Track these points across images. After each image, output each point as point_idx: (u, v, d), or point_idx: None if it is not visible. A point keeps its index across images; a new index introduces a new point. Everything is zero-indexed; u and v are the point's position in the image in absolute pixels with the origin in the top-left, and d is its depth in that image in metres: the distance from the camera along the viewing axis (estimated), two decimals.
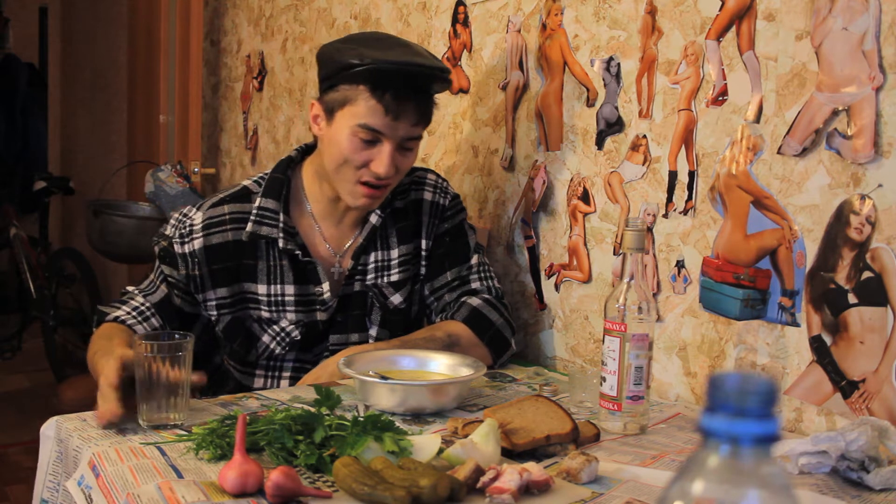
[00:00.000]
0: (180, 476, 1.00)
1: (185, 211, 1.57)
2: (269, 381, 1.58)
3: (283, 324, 1.55)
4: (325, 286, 1.55)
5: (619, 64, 1.58)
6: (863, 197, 1.20)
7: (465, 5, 1.96)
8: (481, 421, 1.18)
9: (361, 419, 1.06)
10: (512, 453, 1.11)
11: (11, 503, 3.16)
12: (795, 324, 1.30)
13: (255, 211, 1.53)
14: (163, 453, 1.08)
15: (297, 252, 1.53)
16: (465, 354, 1.45)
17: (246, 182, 1.59)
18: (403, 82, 1.44)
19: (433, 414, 1.29)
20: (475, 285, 1.62)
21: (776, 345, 1.32)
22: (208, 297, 1.54)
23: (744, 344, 1.37)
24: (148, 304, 1.54)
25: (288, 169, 1.59)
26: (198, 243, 1.52)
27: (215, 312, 1.54)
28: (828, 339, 1.25)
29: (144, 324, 1.52)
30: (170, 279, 1.54)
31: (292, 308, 1.54)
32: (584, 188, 1.66)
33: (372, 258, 1.60)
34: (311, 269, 1.55)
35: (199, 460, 1.06)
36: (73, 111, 5.43)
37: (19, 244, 4.66)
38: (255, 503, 0.92)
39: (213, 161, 3.42)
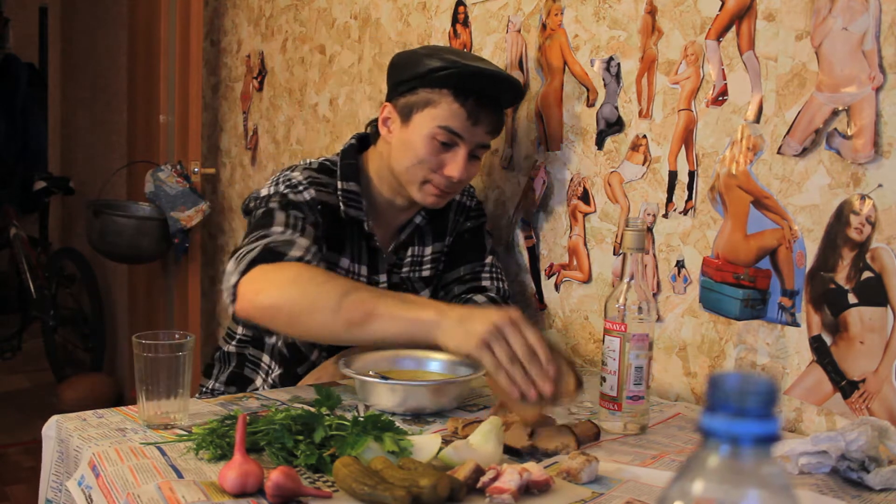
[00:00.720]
0: (180, 476, 1.00)
1: (279, 175, 1.50)
2: (266, 376, 1.58)
3: None
4: (384, 276, 1.60)
5: (619, 64, 1.58)
6: (863, 197, 1.20)
7: (465, 5, 1.96)
8: (482, 421, 1.19)
9: (361, 419, 1.06)
10: (514, 452, 1.11)
11: (11, 503, 3.16)
12: (795, 324, 1.30)
13: (340, 191, 1.53)
14: (163, 453, 1.08)
15: (376, 238, 1.57)
16: None
17: (317, 161, 1.56)
18: (485, 89, 1.50)
19: (433, 414, 1.29)
20: (485, 283, 1.66)
21: (776, 345, 1.32)
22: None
23: (744, 344, 1.37)
24: (315, 246, 1.41)
25: (356, 157, 1.60)
26: (309, 194, 1.47)
27: None
28: (828, 339, 1.25)
29: (322, 266, 1.40)
30: (308, 221, 1.43)
31: None
32: (584, 188, 1.66)
33: (409, 252, 1.65)
34: (378, 256, 1.59)
35: (199, 460, 1.06)
36: (73, 111, 5.43)
37: (19, 244, 4.66)
38: (255, 503, 0.92)
39: (213, 161, 3.42)
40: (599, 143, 1.63)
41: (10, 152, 5.63)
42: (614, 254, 1.62)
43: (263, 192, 1.48)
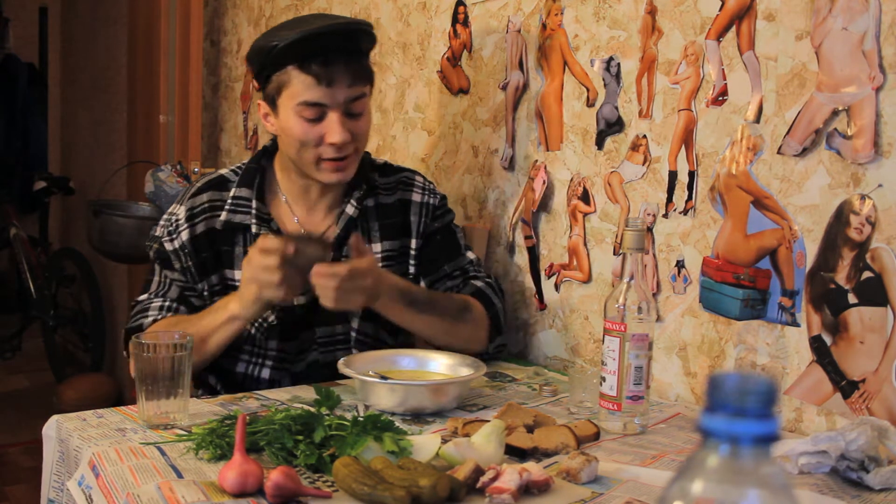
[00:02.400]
0: (180, 476, 1.00)
1: (171, 209, 1.60)
2: (252, 367, 1.57)
3: None
4: None
5: (619, 64, 1.58)
6: (863, 197, 1.20)
7: (465, 5, 1.96)
8: (482, 421, 1.19)
9: (361, 419, 1.06)
10: (515, 452, 1.11)
11: (11, 503, 3.16)
12: (795, 324, 1.30)
13: (230, 200, 1.57)
14: (163, 453, 1.08)
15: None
16: (472, 325, 1.54)
17: (223, 171, 1.63)
18: (326, 47, 1.46)
19: (433, 414, 1.29)
20: (476, 284, 1.64)
21: (776, 345, 1.32)
22: (204, 286, 1.56)
23: (744, 344, 1.37)
24: (170, 301, 1.55)
25: (263, 158, 1.62)
26: (185, 235, 1.55)
27: (210, 301, 1.55)
28: (828, 339, 1.25)
29: (179, 312, 1.54)
30: (174, 281, 1.56)
31: None
32: (584, 188, 1.66)
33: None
34: None
35: (199, 460, 1.06)
36: (73, 111, 5.43)
37: (19, 244, 4.65)
38: (255, 503, 0.92)
39: (213, 161, 3.42)
40: (599, 143, 1.63)
41: (10, 152, 5.63)
42: (614, 254, 1.62)
43: (157, 231, 1.59)
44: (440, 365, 1.43)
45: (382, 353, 1.45)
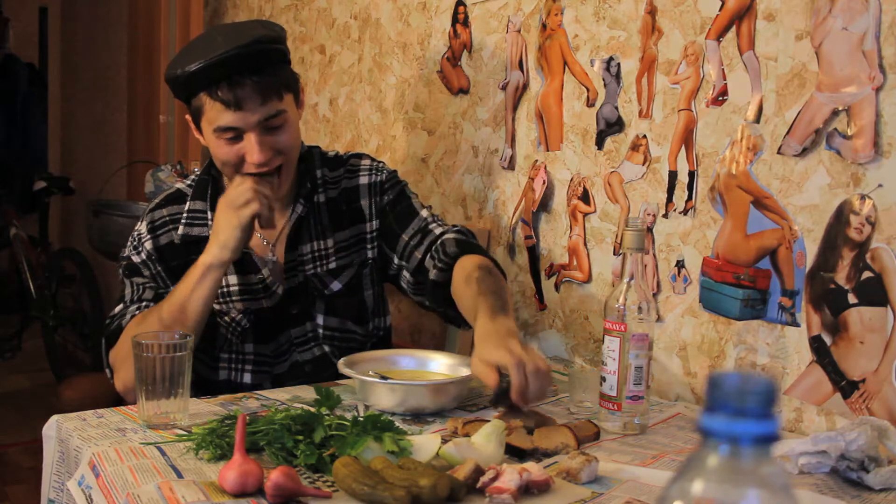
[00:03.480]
0: (180, 476, 1.00)
1: (135, 227, 1.62)
2: (233, 373, 1.59)
3: (233, 314, 1.57)
4: (265, 272, 1.58)
5: (619, 64, 1.58)
6: (863, 197, 1.20)
7: (465, 5, 1.96)
8: (482, 421, 1.19)
9: (361, 419, 1.06)
10: (515, 452, 1.11)
11: (11, 503, 3.16)
12: (795, 324, 1.30)
13: (185, 214, 1.58)
14: (163, 453, 1.08)
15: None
16: (503, 281, 1.45)
17: (180, 185, 1.65)
18: (227, 72, 1.42)
19: (433, 414, 1.29)
20: (437, 231, 1.57)
21: (776, 345, 1.32)
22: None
23: (744, 344, 1.37)
24: (146, 302, 1.54)
25: (212, 168, 1.61)
26: (148, 245, 1.57)
27: None
28: (828, 339, 1.25)
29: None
30: (146, 285, 1.57)
31: (238, 297, 1.57)
32: (584, 188, 1.66)
33: (308, 249, 1.60)
34: (247, 259, 1.57)
35: (199, 460, 1.06)
36: (73, 111, 5.43)
37: (19, 244, 4.65)
38: (255, 503, 0.92)
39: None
40: (599, 143, 1.63)
41: (10, 152, 5.63)
42: (614, 254, 1.62)
43: (124, 252, 1.61)
44: (440, 365, 1.43)
45: (382, 353, 1.45)
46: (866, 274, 1.20)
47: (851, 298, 1.22)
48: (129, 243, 1.61)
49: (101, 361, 1.41)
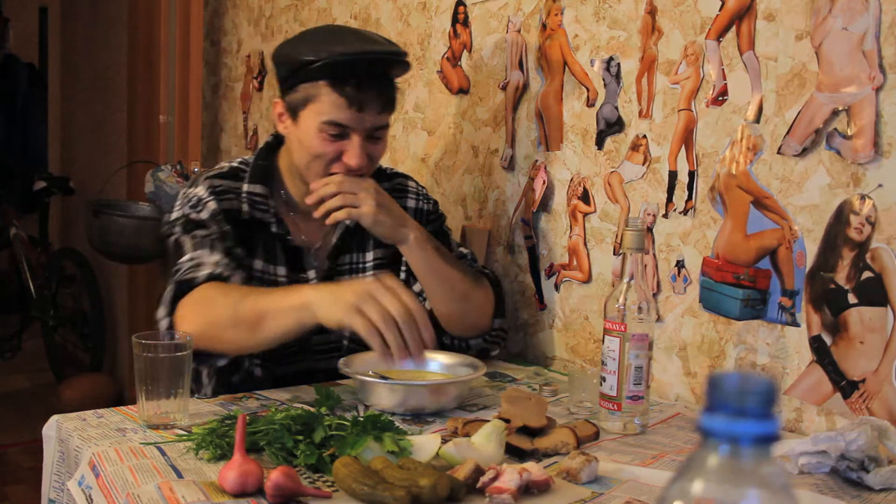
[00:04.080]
0: (180, 476, 1.00)
1: (183, 192, 1.55)
2: (248, 363, 1.54)
3: None
4: (312, 273, 1.56)
5: (619, 64, 1.58)
6: (863, 197, 1.20)
7: (465, 5, 1.96)
8: (482, 421, 1.19)
9: (361, 419, 1.06)
10: (516, 452, 1.11)
11: (11, 503, 3.16)
12: (795, 324, 1.30)
13: (245, 194, 1.52)
14: (163, 453, 1.08)
15: (290, 237, 1.54)
16: (484, 295, 1.54)
17: (229, 164, 1.58)
18: (362, 72, 1.43)
19: (433, 414, 1.29)
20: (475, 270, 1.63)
21: (776, 345, 1.32)
22: (242, 253, 1.51)
23: (744, 344, 1.37)
24: (223, 260, 1.44)
25: (269, 155, 1.59)
26: (212, 205, 1.49)
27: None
28: (828, 339, 1.25)
29: (236, 274, 1.44)
30: (213, 238, 1.47)
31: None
32: (584, 188, 1.66)
33: (347, 259, 1.60)
34: (299, 254, 1.56)
35: (199, 460, 1.06)
36: (73, 111, 5.43)
37: (19, 244, 4.65)
38: (255, 503, 0.92)
39: (213, 161, 3.41)
40: (599, 143, 1.63)
41: (10, 152, 5.63)
42: (614, 254, 1.62)
43: (173, 216, 1.52)
44: (440, 365, 1.43)
45: None
46: (866, 274, 1.20)
47: (851, 298, 1.22)
48: (180, 205, 1.52)
49: (100, 361, 1.41)
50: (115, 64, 4.35)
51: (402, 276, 1.61)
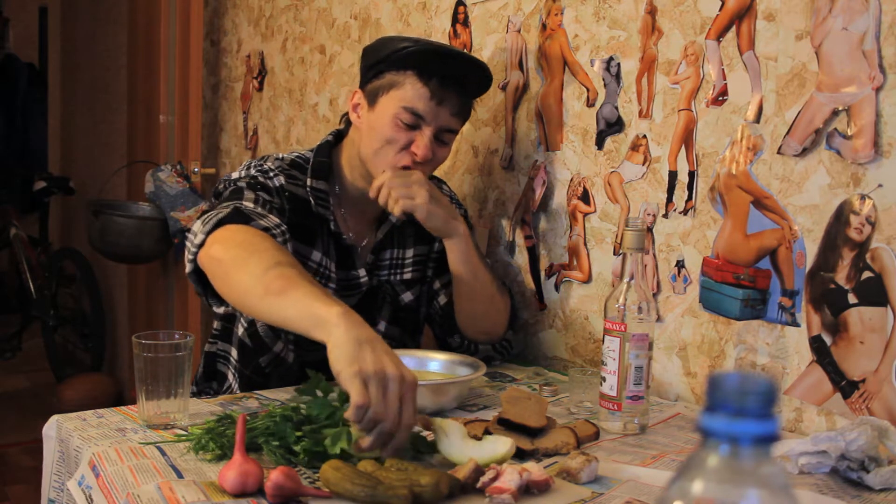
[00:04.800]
0: (180, 476, 1.00)
1: (250, 162, 1.54)
2: (285, 350, 1.53)
3: None
4: (362, 271, 1.59)
5: (619, 64, 1.58)
6: (863, 197, 1.20)
7: (465, 5, 1.96)
8: (482, 421, 1.19)
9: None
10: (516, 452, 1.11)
11: (11, 503, 3.16)
12: (795, 324, 1.30)
13: (309, 189, 1.54)
14: (163, 453, 1.08)
15: (345, 236, 1.56)
16: (504, 302, 1.60)
17: (288, 155, 1.58)
18: (450, 70, 1.49)
19: (433, 414, 1.29)
20: None
21: (776, 345, 1.32)
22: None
23: (744, 344, 1.37)
24: (283, 226, 1.39)
25: (332, 152, 1.60)
26: (279, 181, 1.51)
27: None
28: (828, 339, 1.25)
29: (287, 246, 1.37)
30: (272, 204, 1.44)
31: (335, 285, 1.56)
32: (584, 188, 1.66)
33: (388, 255, 1.63)
34: (351, 253, 1.58)
35: (200, 460, 1.06)
36: (73, 111, 5.43)
37: (19, 244, 4.66)
38: (255, 503, 0.92)
39: (213, 161, 3.42)
40: (599, 143, 1.63)
41: (10, 152, 5.64)
42: (614, 254, 1.62)
43: (234, 175, 1.51)
44: (440, 365, 1.43)
45: None
46: (866, 274, 1.20)
47: (851, 298, 1.22)
48: (247, 168, 1.51)
49: (100, 361, 1.40)
50: (115, 64, 4.35)
51: (431, 272, 1.67)
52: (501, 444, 1.04)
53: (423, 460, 1.06)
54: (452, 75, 1.49)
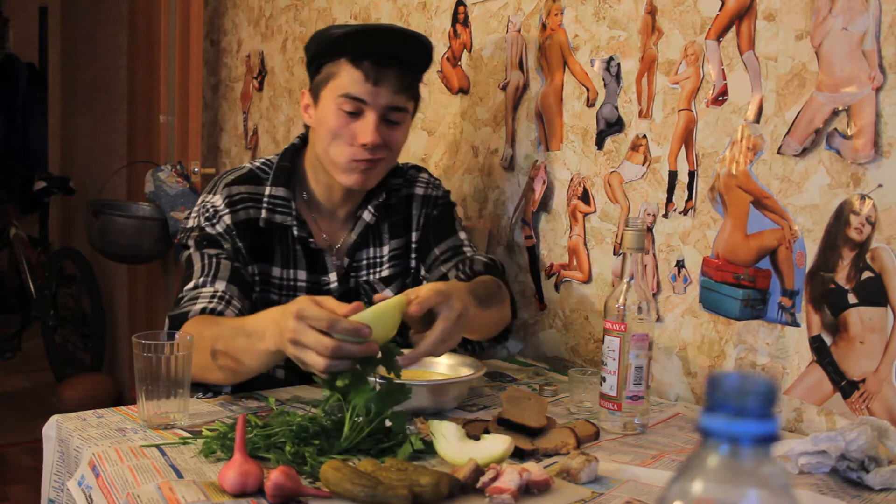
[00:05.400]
0: (180, 476, 1.00)
1: (201, 199, 1.55)
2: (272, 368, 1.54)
3: None
4: (333, 276, 1.57)
5: (619, 64, 1.58)
6: (863, 197, 1.20)
7: (465, 5, 1.96)
8: (482, 421, 1.19)
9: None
10: (514, 452, 1.11)
11: (11, 503, 3.16)
12: (795, 324, 1.30)
13: (266, 198, 1.53)
14: (163, 453, 1.08)
15: (311, 240, 1.54)
16: (506, 303, 1.53)
17: (251, 165, 1.58)
18: (382, 48, 1.46)
19: (433, 414, 1.29)
20: (468, 253, 1.62)
21: (776, 345, 1.32)
22: (254, 270, 1.52)
23: (744, 344, 1.37)
24: (221, 289, 1.43)
25: (293, 157, 1.60)
26: (227, 219, 1.49)
27: (258, 290, 1.52)
28: (828, 339, 1.25)
29: (229, 308, 1.42)
30: (221, 258, 1.48)
31: (304, 294, 1.54)
32: (584, 188, 1.66)
33: (364, 255, 1.61)
34: (320, 257, 1.56)
35: (200, 460, 1.06)
36: (73, 111, 5.43)
37: (19, 244, 4.65)
38: (255, 503, 0.92)
39: (213, 161, 3.42)
40: (599, 143, 1.63)
41: (10, 152, 5.63)
42: (614, 254, 1.62)
43: (189, 224, 1.52)
44: (440, 365, 1.43)
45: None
46: (866, 274, 1.20)
47: (851, 298, 1.22)
48: (197, 214, 1.52)
49: (100, 361, 1.41)
50: (115, 64, 4.35)
51: (414, 262, 1.64)
52: (500, 443, 1.04)
53: (423, 460, 1.06)
54: (386, 53, 1.46)
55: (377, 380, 1.29)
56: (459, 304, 1.23)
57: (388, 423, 1.12)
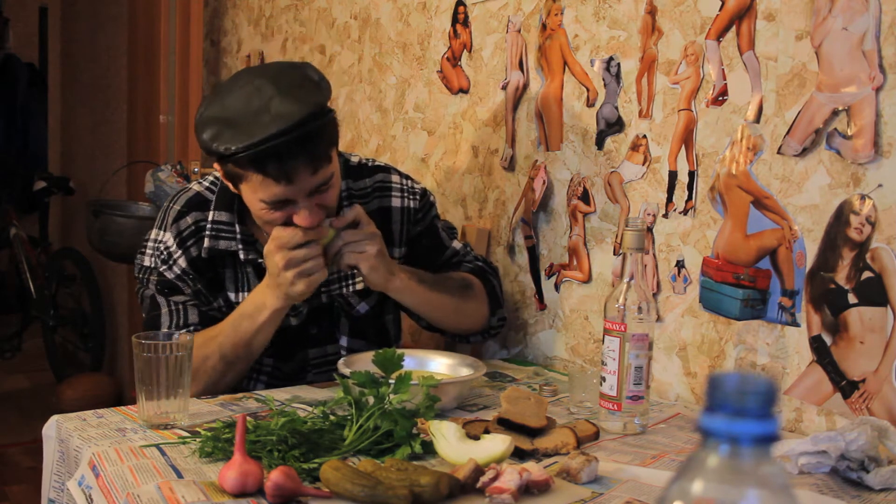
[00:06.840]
0: (180, 476, 1.00)
1: (152, 237, 1.51)
2: (247, 381, 1.55)
3: None
4: None
5: (619, 64, 1.58)
6: (863, 197, 1.20)
7: (465, 5, 1.96)
8: (482, 421, 1.19)
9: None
10: (514, 452, 1.11)
11: (11, 503, 3.16)
12: (795, 324, 1.30)
13: (209, 225, 1.49)
14: (163, 453, 1.08)
15: (261, 260, 1.47)
16: (476, 300, 1.58)
17: (197, 187, 1.53)
18: (279, 150, 1.30)
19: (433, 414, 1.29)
20: (466, 264, 1.66)
21: (776, 345, 1.32)
22: (220, 302, 1.52)
23: (744, 344, 1.37)
24: (193, 328, 1.48)
25: None
26: (182, 262, 1.48)
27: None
28: (828, 339, 1.25)
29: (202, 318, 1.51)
30: (188, 304, 1.50)
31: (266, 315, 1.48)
32: (584, 188, 1.66)
33: (335, 267, 1.52)
34: None
35: (200, 460, 1.06)
36: (73, 111, 5.43)
37: (19, 244, 4.65)
38: (255, 503, 0.92)
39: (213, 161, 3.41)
40: (599, 143, 1.63)
41: (10, 152, 5.63)
42: (614, 254, 1.62)
43: (145, 262, 1.51)
44: (440, 365, 1.43)
45: None
46: (866, 274, 1.20)
47: (851, 298, 1.22)
48: (151, 253, 1.50)
49: (100, 361, 1.40)
50: (115, 64, 4.35)
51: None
52: (499, 443, 1.04)
53: (423, 460, 1.06)
54: (285, 153, 1.31)
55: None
56: (381, 243, 1.40)
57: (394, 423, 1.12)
